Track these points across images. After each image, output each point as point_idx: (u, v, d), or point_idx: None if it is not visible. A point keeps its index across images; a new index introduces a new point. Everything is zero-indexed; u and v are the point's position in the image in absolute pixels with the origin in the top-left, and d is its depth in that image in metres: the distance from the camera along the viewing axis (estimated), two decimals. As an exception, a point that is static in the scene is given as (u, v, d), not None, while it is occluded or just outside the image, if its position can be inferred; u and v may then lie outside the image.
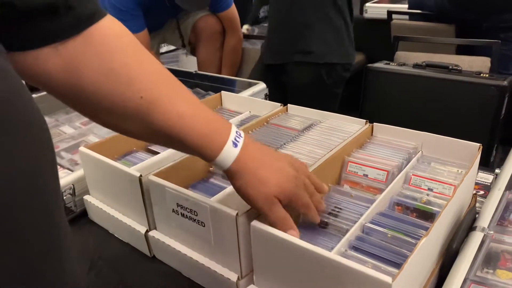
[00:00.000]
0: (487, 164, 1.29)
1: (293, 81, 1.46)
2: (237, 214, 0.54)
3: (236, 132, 0.51)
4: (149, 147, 0.87)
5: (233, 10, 1.83)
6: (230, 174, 0.51)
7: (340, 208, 0.61)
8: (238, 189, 0.51)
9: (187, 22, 1.86)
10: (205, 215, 0.57)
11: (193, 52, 1.97)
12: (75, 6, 0.41)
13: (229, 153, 0.49)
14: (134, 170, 0.68)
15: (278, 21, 1.42)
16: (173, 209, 0.62)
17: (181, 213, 0.61)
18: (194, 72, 1.44)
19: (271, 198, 0.50)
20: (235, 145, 0.50)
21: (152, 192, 0.65)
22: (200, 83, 1.40)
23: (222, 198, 0.62)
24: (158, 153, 0.79)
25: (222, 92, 1.07)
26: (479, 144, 0.68)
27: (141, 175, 0.66)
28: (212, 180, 0.72)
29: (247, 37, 2.17)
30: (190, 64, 2.43)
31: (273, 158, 0.53)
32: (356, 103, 1.64)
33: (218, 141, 0.49)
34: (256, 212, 0.53)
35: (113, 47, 0.45)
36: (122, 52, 0.45)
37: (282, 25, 1.42)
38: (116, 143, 0.84)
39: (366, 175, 0.68)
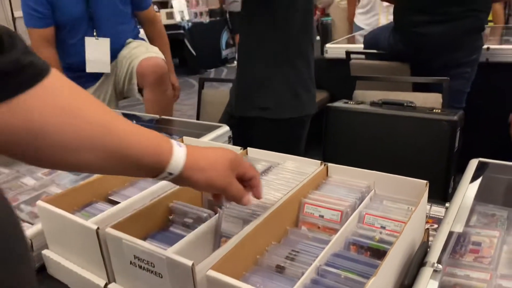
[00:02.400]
0: (445, 196, 1.34)
1: (254, 133, 1.49)
2: (193, 264, 0.54)
3: (172, 138, 0.59)
4: (109, 197, 0.87)
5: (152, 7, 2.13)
6: (187, 173, 0.57)
7: (297, 251, 0.63)
8: (200, 181, 0.58)
9: (129, 69, 1.92)
10: (161, 266, 0.58)
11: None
12: (28, 65, 0.45)
13: (179, 154, 0.56)
14: (91, 223, 0.67)
15: (239, 75, 1.47)
16: (130, 261, 0.62)
17: (138, 265, 0.61)
18: (159, 118, 1.46)
19: (227, 172, 0.59)
20: (180, 146, 0.58)
21: (110, 245, 0.65)
22: (164, 127, 1.42)
23: (180, 248, 0.62)
24: (118, 203, 0.79)
25: (184, 137, 1.09)
26: (425, 181, 0.72)
27: (98, 228, 0.65)
28: (171, 229, 0.73)
29: (211, 80, 2.22)
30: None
31: (211, 147, 0.63)
32: (321, 140, 1.69)
33: (166, 147, 0.56)
34: (212, 261, 0.54)
35: (59, 89, 0.49)
36: (67, 90, 0.50)
37: (241, 79, 1.46)
38: (76, 194, 0.83)
39: (322, 216, 0.70)
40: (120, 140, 0.52)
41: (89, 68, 1.92)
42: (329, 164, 0.83)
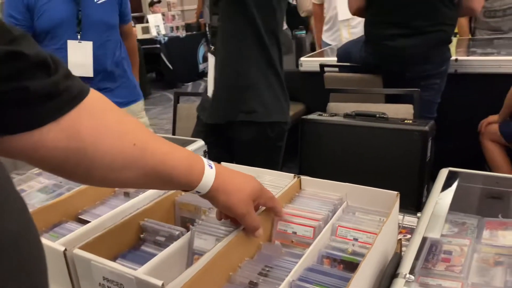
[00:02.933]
0: (419, 206, 1.36)
1: (239, 138, 1.51)
2: (162, 284, 0.53)
3: (205, 158, 0.62)
4: (79, 217, 0.84)
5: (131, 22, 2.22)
6: (212, 193, 0.61)
7: (270, 267, 0.62)
8: (222, 203, 0.62)
9: None
10: (131, 287, 0.56)
11: None
12: (70, 86, 0.49)
13: (209, 175, 0.60)
14: (58, 245, 0.65)
15: (223, 83, 1.48)
16: (99, 283, 0.60)
17: (107, 286, 0.59)
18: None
19: (248, 201, 0.63)
20: (211, 167, 0.61)
21: (78, 266, 0.63)
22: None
23: (151, 268, 0.61)
24: (88, 222, 0.77)
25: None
26: (396, 192, 0.73)
27: (65, 249, 0.63)
28: (143, 247, 0.71)
29: (187, 94, 2.22)
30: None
31: (238, 172, 0.66)
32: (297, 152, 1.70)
33: (198, 167, 0.60)
34: (183, 280, 0.53)
35: (102, 110, 0.53)
36: (109, 111, 0.54)
37: (226, 87, 1.47)
38: (45, 214, 0.81)
39: (295, 232, 0.70)
40: (158, 160, 0.56)
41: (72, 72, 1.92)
42: (302, 177, 0.83)
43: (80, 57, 1.89)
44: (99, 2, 1.89)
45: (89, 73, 1.92)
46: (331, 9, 3.31)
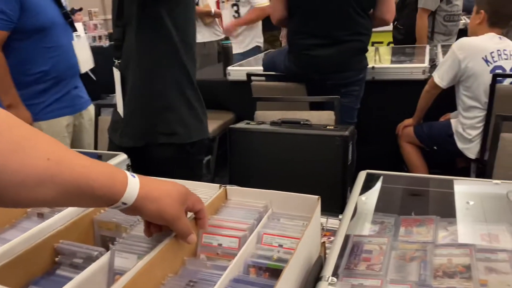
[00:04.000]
0: (343, 208, 1.42)
1: (158, 158, 1.45)
2: (77, 310, 0.49)
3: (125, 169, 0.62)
4: (-15, 243, 0.77)
5: None
6: (140, 203, 0.59)
7: (195, 282, 0.61)
8: (152, 211, 0.60)
9: None
10: (42, 316, 0.52)
11: None
12: None
13: (134, 184, 0.58)
14: (-43, 277, 0.59)
15: (137, 105, 1.41)
16: (7, 315, 0.55)
17: (16, 318, 0.54)
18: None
19: (178, 205, 0.62)
20: (134, 176, 0.60)
21: (-18, 299, 0.57)
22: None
23: (66, 293, 0.57)
24: (-4, 248, 0.71)
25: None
26: (317, 196, 0.75)
27: (-34, 281, 0.57)
28: (58, 271, 0.66)
29: (109, 106, 2.15)
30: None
31: (162, 179, 0.65)
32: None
33: (121, 177, 0.58)
34: None
35: (7, 127, 0.50)
36: (16, 128, 0.51)
37: (142, 108, 1.40)
38: None
39: (221, 244, 0.69)
40: (76, 174, 0.53)
41: (83, 69, 2.09)
42: (228, 187, 0.83)
43: (85, 53, 2.06)
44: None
45: (92, 64, 2.14)
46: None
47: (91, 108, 2.23)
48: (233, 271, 0.62)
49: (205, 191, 0.84)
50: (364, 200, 1.00)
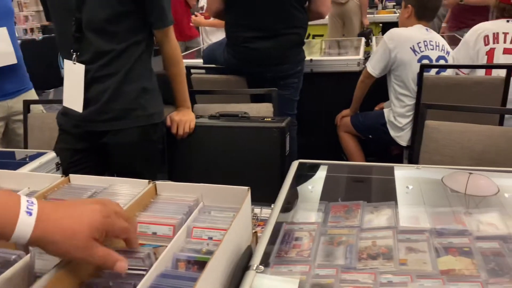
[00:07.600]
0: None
1: (119, 143, 1.46)
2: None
3: (27, 201, 0.53)
4: None
5: None
6: (36, 244, 0.54)
7: (121, 279, 0.60)
8: (52, 253, 0.55)
9: None
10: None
11: None
12: None
13: (26, 225, 0.52)
14: None
15: (100, 89, 1.43)
16: None
17: None
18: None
19: (87, 243, 0.54)
20: (30, 213, 0.52)
21: None
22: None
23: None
24: None
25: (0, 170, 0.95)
26: (247, 187, 0.75)
27: None
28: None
29: (39, 102, 2.05)
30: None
31: (72, 207, 0.57)
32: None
33: (10, 215, 0.51)
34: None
35: None
36: None
37: (103, 93, 1.43)
38: None
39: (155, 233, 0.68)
40: None
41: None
42: (158, 182, 0.81)
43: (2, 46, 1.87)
44: None
45: (13, 60, 1.92)
46: None
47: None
48: (160, 267, 0.61)
49: (134, 188, 0.82)
50: (310, 189, 1.03)
